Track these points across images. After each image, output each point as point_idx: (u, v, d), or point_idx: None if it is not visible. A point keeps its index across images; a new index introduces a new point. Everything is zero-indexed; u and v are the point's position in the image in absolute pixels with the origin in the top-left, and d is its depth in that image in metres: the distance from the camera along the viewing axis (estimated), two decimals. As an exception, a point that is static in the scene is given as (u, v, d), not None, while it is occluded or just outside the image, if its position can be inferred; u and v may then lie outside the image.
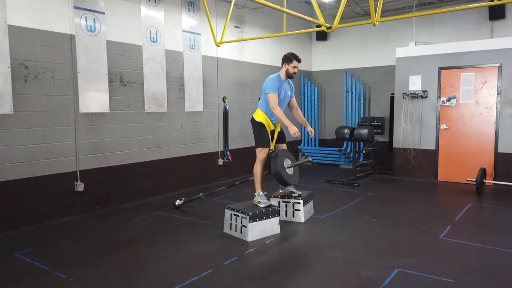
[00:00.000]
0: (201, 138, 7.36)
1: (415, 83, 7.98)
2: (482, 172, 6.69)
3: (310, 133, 4.96)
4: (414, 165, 8.07)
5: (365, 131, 7.84)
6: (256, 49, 8.50)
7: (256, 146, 4.91)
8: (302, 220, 5.07)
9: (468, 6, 4.56)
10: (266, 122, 4.86)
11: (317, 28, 5.09)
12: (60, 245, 4.37)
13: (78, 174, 5.45)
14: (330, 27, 4.41)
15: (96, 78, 5.59)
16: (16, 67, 4.77)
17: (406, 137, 8.12)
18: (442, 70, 7.69)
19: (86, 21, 5.42)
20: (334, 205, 5.96)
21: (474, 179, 6.60)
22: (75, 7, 5.29)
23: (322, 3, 8.72)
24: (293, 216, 5.11)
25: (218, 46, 6.44)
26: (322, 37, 9.96)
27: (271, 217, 4.60)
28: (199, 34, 7.19)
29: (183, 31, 6.90)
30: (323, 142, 10.08)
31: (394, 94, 8.32)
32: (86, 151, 5.53)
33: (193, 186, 7.15)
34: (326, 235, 4.63)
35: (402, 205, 6.07)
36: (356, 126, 8.94)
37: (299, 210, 5.07)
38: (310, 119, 9.94)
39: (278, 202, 5.19)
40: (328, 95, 10.19)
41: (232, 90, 8.01)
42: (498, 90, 7.19)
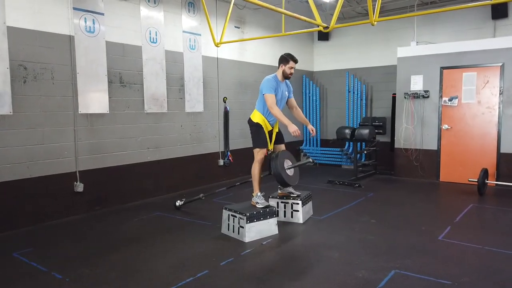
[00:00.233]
0: (201, 138, 7.36)
1: (417, 83, 7.93)
2: (484, 172, 6.63)
3: (312, 131, 4.95)
4: (416, 165, 8.02)
5: (366, 131, 7.80)
6: (256, 49, 8.49)
7: (253, 146, 4.90)
8: (301, 221, 5.05)
9: (470, 4, 4.51)
10: (263, 123, 4.85)
11: (314, 28, 5.06)
12: (58, 245, 4.39)
13: (78, 174, 5.47)
14: (327, 27, 4.39)
15: (95, 79, 5.60)
16: (15, 68, 4.79)
17: (407, 137, 8.07)
18: (444, 70, 7.64)
19: (86, 22, 5.44)
20: (333, 205, 5.93)
21: (476, 180, 6.54)
22: (74, 8, 5.31)
23: (323, 3, 8.70)
24: (291, 216, 5.10)
25: (218, 47, 6.43)
26: (324, 37, 9.93)
27: (269, 217, 4.58)
28: (199, 35, 7.19)
29: (183, 32, 6.90)
30: (325, 142, 10.04)
31: (395, 94, 8.27)
32: (85, 152, 5.55)
33: (193, 186, 7.15)
34: (324, 236, 4.61)
35: (403, 205, 6.03)
36: (357, 126, 8.91)
37: (298, 210, 5.06)
38: (312, 119, 9.92)
39: (277, 203, 5.17)
40: (329, 95, 10.15)
41: (232, 91, 8.00)
42: (500, 90, 7.13)
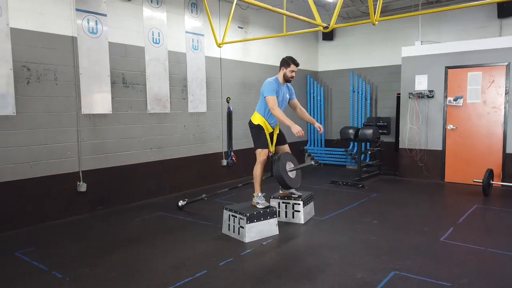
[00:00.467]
0: (204, 138, 7.38)
1: (421, 83, 7.87)
2: (489, 173, 6.56)
3: (319, 129, 4.96)
4: (421, 166, 7.96)
5: (369, 132, 7.75)
6: (260, 49, 8.49)
7: (255, 147, 4.89)
8: (302, 221, 5.03)
9: (476, 3, 4.44)
10: (264, 125, 4.85)
11: (315, 28, 5.04)
12: (60, 245, 4.43)
13: (81, 174, 5.51)
14: (327, 27, 4.37)
15: (98, 80, 5.64)
16: (18, 69, 4.84)
17: (412, 137, 8.01)
18: (449, 70, 7.57)
19: (88, 23, 5.48)
20: (336, 206, 5.91)
21: (481, 180, 6.47)
22: (77, 10, 5.35)
23: (327, 3, 8.68)
24: (293, 217, 5.08)
25: (220, 47, 6.43)
26: (328, 37, 9.89)
27: (269, 218, 4.58)
28: (202, 35, 7.21)
29: (186, 32, 6.92)
30: (329, 142, 10.01)
31: (400, 94, 8.22)
32: (88, 152, 5.59)
33: (196, 186, 7.17)
34: (325, 237, 4.59)
35: (406, 206, 5.98)
36: (361, 127, 8.86)
37: (299, 211, 5.04)
38: (316, 120, 9.83)
39: (278, 203, 5.17)
40: (334, 95, 10.11)
41: (236, 91, 8.01)
42: (506, 90, 7.04)
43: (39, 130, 5.08)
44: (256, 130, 4.88)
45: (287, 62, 4.85)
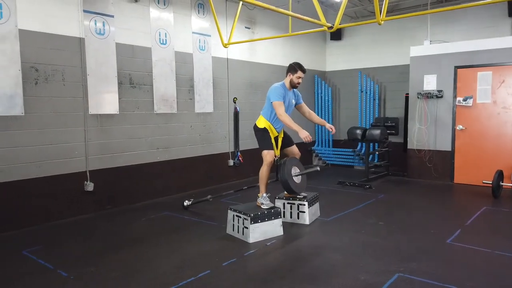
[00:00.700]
0: (211, 139, 7.39)
1: (430, 83, 7.78)
2: (499, 174, 6.46)
3: (331, 130, 4.99)
4: (429, 166, 7.87)
5: (377, 132, 7.69)
6: (267, 49, 8.48)
7: (261, 149, 4.89)
8: (307, 222, 5.01)
9: (486, 1, 4.39)
10: (269, 128, 4.88)
11: (320, 28, 5.02)
12: (66, 244, 4.47)
13: (88, 174, 5.56)
14: (331, 27, 4.35)
15: (105, 80, 5.69)
16: (27, 70, 4.91)
17: (420, 138, 7.93)
18: (458, 69, 7.47)
19: (96, 24, 5.53)
20: (342, 207, 5.87)
21: (490, 182, 6.38)
22: (85, 11, 5.41)
23: (335, 3, 8.64)
24: (297, 218, 5.07)
25: (226, 47, 6.44)
26: (336, 37, 9.84)
27: (274, 218, 4.57)
28: (209, 36, 7.22)
29: (193, 33, 6.95)
30: (337, 142, 9.96)
31: (408, 94, 8.14)
32: (95, 152, 5.64)
33: (203, 186, 7.19)
34: (330, 238, 4.57)
35: (413, 208, 5.92)
36: (368, 127, 8.80)
37: (304, 212, 5.02)
38: (324, 120, 9.83)
39: (283, 204, 5.15)
40: (342, 95, 10.06)
41: (243, 91, 8.01)
42: (516, 90, 6.94)
43: (47, 130, 5.14)
44: (261, 133, 4.90)
45: (294, 68, 4.86)
